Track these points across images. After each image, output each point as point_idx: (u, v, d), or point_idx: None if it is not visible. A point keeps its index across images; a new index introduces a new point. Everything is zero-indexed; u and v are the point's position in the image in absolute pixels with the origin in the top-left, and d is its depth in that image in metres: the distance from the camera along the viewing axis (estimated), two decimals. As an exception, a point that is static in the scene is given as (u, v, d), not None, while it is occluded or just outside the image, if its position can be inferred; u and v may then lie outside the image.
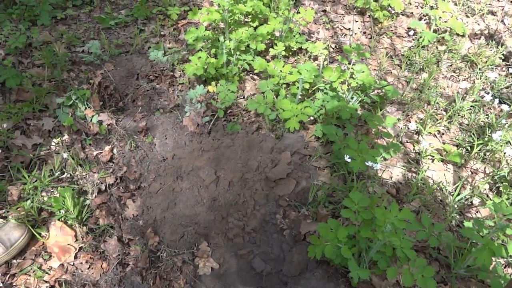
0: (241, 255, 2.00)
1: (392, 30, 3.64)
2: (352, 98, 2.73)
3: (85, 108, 2.58)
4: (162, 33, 3.49)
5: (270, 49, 3.11)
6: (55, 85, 2.81)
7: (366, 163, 2.06)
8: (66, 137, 2.47)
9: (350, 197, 1.83)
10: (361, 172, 2.35)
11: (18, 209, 2.04)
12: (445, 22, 3.58)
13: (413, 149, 2.58)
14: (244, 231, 2.07)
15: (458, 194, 2.22)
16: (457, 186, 2.25)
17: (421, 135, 2.63)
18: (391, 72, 3.22)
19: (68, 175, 2.27)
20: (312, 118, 2.64)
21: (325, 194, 2.16)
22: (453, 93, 3.05)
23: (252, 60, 2.95)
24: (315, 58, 3.23)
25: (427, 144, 2.47)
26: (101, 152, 2.41)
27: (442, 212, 2.20)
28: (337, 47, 3.45)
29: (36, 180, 2.22)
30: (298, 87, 2.62)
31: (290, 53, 3.24)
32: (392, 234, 1.63)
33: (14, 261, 1.89)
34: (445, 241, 1.88)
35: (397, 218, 1.69)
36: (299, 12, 3.20)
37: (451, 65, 3.28)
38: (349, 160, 2.08)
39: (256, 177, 2.22)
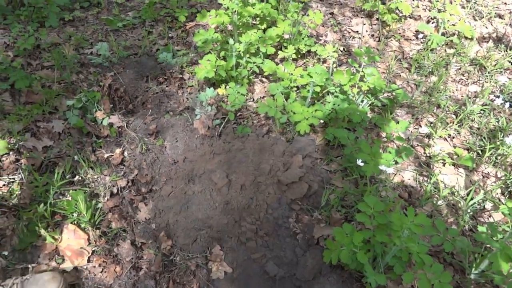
0: (254, 259, 1.99)
1: (400, 33, 3.64)
2: (362, 101, 2.73)
3: (96, 111, 2.57)
4: (170, 35, 3.49)
5: (279, 52, 3.11)
6: (65, 87, 2.81)
7: (379, 167, 2.06)
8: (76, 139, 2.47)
9: (365, 202, 1.82)
10: (373, 176, 2.35)
11: (31, 211, 2.03)
12: (453, 25, 3.57)
13: (424, 153, 2.58)
14: (257, 235, 2.06)
15: (471, 199, 2.21)
16: (470, 190, 2.24)
17: (432, 139, 2.63)
18: (400, 75, 3.21)
19: (80, 178, 2.26)
20: (322, 121, 2.63)
21: (338, 198, 2.16)
22: (462, 96, 3.04)
23: (262, 63, 2.95)
24: (324, 61, 3.23)
25: (439, 148, 2.46)
26: (112, 155, 2.41)
27: (455, 216, 2.19)
28: (345, 49, 3.45)
29: (47, 183, 2.21)
30: (308, 90, 2.62)
31: (299, 56, 3.24)
32: (410, 239, 1.62)
33: (29, 266, 1.88)
34: (459, 246, 1.88)
35: (414, 223, 1.68)
36: (308, 15, 3.20)
37: (460, 69, 3.28)
38: (362, 164, 2.07)
39: (269, 181, 2.22)
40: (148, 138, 2.53)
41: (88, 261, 1.95)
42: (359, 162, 2.07)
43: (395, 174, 2.40)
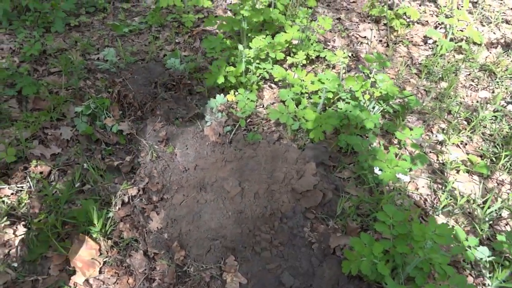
0: (269, 269, 1.95)
1: (408, 39, 3.62)
2: (373, 107, 2.70)
3: (105, 117, 2.53)
4: (177, 40, 3.46)
5: (288, 58, 3.08)
6: (72, 94, 2.77)
7: (396, 175, 2.02)
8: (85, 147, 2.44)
9: (384, 211, 1.79)
10: (388, 183, 2.31)
11: (41, 221, 1.99)
12: (461, 31, 3.56)
13: (437, 160, 2.55)
14: (272, 245, 2.02)
15: (489, 207, 2.18)
16: (487, 198, 2.21)
17: (445, 146, 2.60)
18: (409, 81, 3.19)
19: (90, 186, 2.22)
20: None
21: (353, 206, 2.12)
22: (472, 102, 3.02)
23: (271, 69, 2.92)
24: (333, 67, 3.20)
25: (455, 156, 2.43)
26: (122, 163, 2.37)
27: (472, 225, 2.16)
28: (354, 55, 3.43)
29: (56, 192, 2.17)
30: (320, 97, 2.59)
31: (308, 62, 3.21)
32: (433, 250, 1.59)
33: (39, 278, 1.83)
34: (479, 256, 1.84)
35: (436, 234, 1.65)
36: (317, 20, 3.18)
37: (469, 74, 3.26)
38: (379, 173, 2.04)
39: (283, 189, 2.18)
40: (158, 145, 2.49)
41: (100, 272, 1.91)
42: (377, 171, 2.03)
43: (409, 182, 2.37)
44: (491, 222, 2.17)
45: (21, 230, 1.96)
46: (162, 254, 1.97)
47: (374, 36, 3.63)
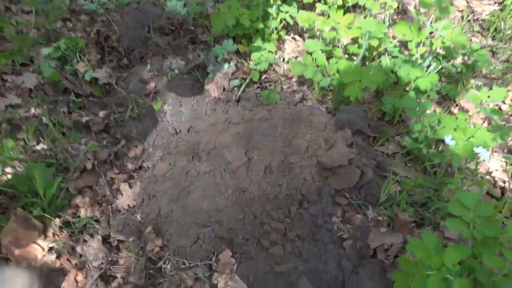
0: (280, 272, 1.36)
1: (468, -9, 2.91)
2: (428, 65, 2.05)
3: (77, 62, 1.96)
4: (182, -17, 2.85)
5: (317, 4, 2.44)
6: (45, 35, 2.22)
7: (474, 149, 1.39)
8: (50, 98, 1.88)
9: (459, 200, 1.16)
10: (449, 164, 1.67)
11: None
12: (537, -18, 2.82)
13: (514, 137, 1.89)
14: (285, 238, 1.42)
15: None
16: None
17: (526, 118, 1.94)
18: (471, 40, 2.51)
19: (44, 147, 1.66)
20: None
21: (405, 191, 1.50)
22: (554, 69, 2.32)
23: (297, 13, 2.29)
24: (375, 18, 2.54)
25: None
26: (93, 119, 1.80)
27: None
28: (399, 7, 2.75)
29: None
30: (360, 46, 1.95)
31: (343, 9, 2.54)
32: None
33: None
34: None
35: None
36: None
37: (549, 35, 2.55)
38: (451, 143, 1.40)
39: (305, 162, 1.57)
40: (143, 99, 1.91)
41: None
42: (448, 140, 1.40)
43: (478, 163, 1.72)
44: None
45: None
46: (130, 243, 1.40)
47: (425, -12, 2.93)
